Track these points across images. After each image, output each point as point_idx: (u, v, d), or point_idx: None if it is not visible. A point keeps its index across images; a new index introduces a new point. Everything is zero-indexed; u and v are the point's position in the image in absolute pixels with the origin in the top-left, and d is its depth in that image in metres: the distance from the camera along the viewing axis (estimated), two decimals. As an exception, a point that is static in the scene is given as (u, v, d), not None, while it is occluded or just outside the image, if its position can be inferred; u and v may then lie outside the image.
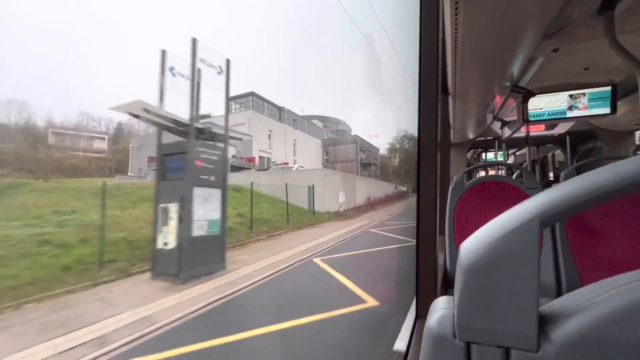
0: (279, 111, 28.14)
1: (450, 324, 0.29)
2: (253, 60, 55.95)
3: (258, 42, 59.21)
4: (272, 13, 57.56)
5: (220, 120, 6.89)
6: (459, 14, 1.20)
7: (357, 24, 36.59)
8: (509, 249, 0.27)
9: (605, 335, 0.23)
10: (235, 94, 24.57)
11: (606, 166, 0.26)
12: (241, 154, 21.30)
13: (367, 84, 43.16)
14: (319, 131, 33.89)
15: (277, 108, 27.93)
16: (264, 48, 60.98)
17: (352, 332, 3.31)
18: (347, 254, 7.12)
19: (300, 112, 30.86)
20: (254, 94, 25.39)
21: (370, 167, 31.49)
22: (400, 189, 28.02)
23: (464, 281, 0.28)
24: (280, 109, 28.07)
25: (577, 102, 2.48)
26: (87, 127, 26.20)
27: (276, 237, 9.41)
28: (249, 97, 25.33)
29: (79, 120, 26.25)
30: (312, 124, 32.59)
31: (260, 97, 25.95)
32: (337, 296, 4.36)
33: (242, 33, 55.65)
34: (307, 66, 57.81)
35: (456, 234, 1.64)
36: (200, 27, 46.30)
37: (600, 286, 0.26)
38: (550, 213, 0.26)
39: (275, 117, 27.19)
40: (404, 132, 36.16)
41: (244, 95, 25.31)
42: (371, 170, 31.18)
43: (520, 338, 0.26)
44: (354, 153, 29.78)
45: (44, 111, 24.83)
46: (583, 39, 1.60)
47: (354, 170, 27.41)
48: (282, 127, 26.85)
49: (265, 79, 59.48)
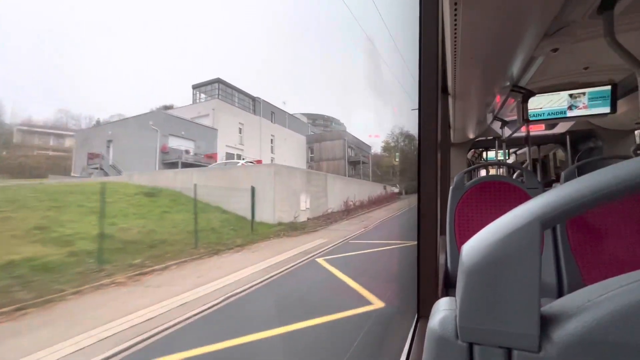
0: (253, 102, 24.10)
1: (452, 324, 0.29)
2: (253, 59, 55.66)
3: (257, 42, 58.88)
4: (272, 12, 57.28)
5: (185, 111, 6.26)
6: (459, 13, 1.20)
7: (356, 24, 36.48)
8: (510, 250, 0.27)
9: (606, 336, 0.23)
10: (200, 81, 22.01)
11: (605, 168, 0.26)
12: (203, 149, 18.40)
13: (366, 83, 42.69)
14: (303, 127, 30.18)
15: (250, 98, 23.89)
16: (263, 46, 60.51)
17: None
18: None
19: (283, 105, 27.53)
20: (221, 81, 21.49)
21: (359, 166, 28.76)
22: (390, 190, 25.31)
23: (466, 282, 0.28)
24: (255, 99, 24.07)
25: (577, 102, 2.48)
26: (66, 125, 24.41)
27: (132, 282, 4.86)
28: (215, 84, 21.45)
29: (57, 118, 24.59)
30: (295, 119, 28.76)
31: (229, 85, 22.11)
32: None
33: (242, 32, 55.40)
34: (305, 65, 57.46)
35: (457, 234, 1.64)
36: (199, 26, 46.22)
37: (602, 287, 0.26)
38: (550, 215, 0.26)
39: (249, 109, 23.45)
40: (399, 129, 34.16)
41: (208, 82, 21.75)
42: (360, 169, 28.54)
43: (522, 338, 0.26)
44: (341, 150, 26.95)
45: (22, 108, 23.22)
46: (583, 39, 1.60)
47: (341, 170, 25.41)
48: (257, 120, 23.28)
49: (263, 79, 59.05)
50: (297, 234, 9.33)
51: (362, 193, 17.38)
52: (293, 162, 23.32)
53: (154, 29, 42.02)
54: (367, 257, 6.50)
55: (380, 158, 35.07)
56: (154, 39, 41.38)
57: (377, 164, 33.43)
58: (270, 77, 59.63)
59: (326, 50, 56.05)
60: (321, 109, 56.38)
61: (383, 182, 27.30)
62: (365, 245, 7.46)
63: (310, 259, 6.11)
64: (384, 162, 34.76)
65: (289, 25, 61.11)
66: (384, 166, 34.09)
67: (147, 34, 40.37)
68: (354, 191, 16.66)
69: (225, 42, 55.15)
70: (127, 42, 35.12)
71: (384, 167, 33.90)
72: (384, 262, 6.34)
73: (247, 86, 40.05)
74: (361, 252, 6.75)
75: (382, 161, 34.84)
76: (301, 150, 27.71)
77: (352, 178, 21.73)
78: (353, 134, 29.05)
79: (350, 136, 28.43)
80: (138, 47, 38.43)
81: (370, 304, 3.81)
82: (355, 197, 16.18)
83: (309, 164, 27.51)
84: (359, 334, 3.03)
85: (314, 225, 10.77)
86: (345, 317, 3.47)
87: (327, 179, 14.67)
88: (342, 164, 26.36)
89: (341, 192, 15.54)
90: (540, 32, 1.40)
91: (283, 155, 24.55)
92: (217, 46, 54.22)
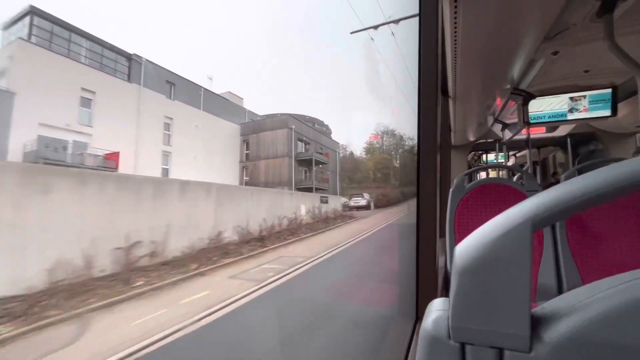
0: (129, 62, 14.92)
1: (445, 325, 0.30)
2: (251, 58, 54.81)
3: (256, 40, 57.92)
4: (271, 12, 56.51)
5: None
6: (459, 16, 1.21)
7: (356, 25, 35.94)
8: (501, 251, 0.27)
9: (596, 336, 0.23)
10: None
11: (597, 170, 0.26)
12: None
13: (365, 84, 41.50)
14: (237, 112, 20.83)
15: (124, 56, 14.79)
16: (261, 45, 59.17)
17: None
18: None
19: (208, 81, 18.88)
20: (39, 13, 12.06)
21: (311, 167, 20.01)
22: (356, 201, 18.95)
23: (458, 283, 0.29)
24: (131, 58, 14.92)
25: (577, 105, 2.48)
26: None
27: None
28: (26, 17, 11.86)
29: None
30: (221, 99, 19.68)
31: (62, 24, 12.77)
32: None
33: (240, 31, 54.56)
34: (302, 63, 56.33)
35: (457, 236, 1.64)
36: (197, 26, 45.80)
37: (593, 288, 0.26)
38: (542, 216, 0.26)
39: (114, 71, 14.39)
40: (384, 127, 30.37)
41: (18, 17, 12.01)
42: (313, 172, 20.01)
43: (513, 339, 0.26)
44: (285, 144, 18.76)
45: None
46: (583, 42, 1.61)
47: (284, 171, 18.23)
48: (130, 89, 14.60)
49: (261, 78, 57.66)
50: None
51: (258, 212, 10.21)
52: (216, 159, 17.24)
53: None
54: None
55: (353, 161, 29.58)
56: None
57: (348, 167, 27.09)
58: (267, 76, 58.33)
59: (324, 49, 54.89)
60: (308, 111, 50.52)
61: (352, 189, 22.55)
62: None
63: None
64: (358, 164, 29.57)
65: (284, 21, 60.03)
66: (364, 170, 28.90)
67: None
68: (241, 209, 9.58)
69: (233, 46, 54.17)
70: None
71: (360, 171, 28.67)
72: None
73: (255, 87, 36.50)
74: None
75: (357, 163, 29.30)
76: (231, 143, 19.61)
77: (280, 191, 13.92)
78: (342, 137, 21.83)
79: (298, 123, 19.84)
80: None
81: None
82: (245, 221, 9.38)
83: (244, 163, 19.92)
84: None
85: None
86: None
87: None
88: (287, 163, 18.56)
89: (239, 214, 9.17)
90: (540, 35, 1.40)
91: (193, 148, 16.70)
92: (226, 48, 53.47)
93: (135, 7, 31.47)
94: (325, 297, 4.93)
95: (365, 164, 30.20)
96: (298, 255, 7.82)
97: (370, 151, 31.84)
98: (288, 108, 42.81)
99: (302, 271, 6.18)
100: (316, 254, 7.69)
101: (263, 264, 6.95)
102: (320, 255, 7.61)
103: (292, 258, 7.52)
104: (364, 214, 16.99)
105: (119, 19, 31.51)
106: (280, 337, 3.49)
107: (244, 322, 3.91)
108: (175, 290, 5.13)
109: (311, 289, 5.38)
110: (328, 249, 8.20)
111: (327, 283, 5.78)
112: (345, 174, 25.66)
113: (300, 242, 9.84)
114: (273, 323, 3.91)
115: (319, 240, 10.15)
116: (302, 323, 3.78)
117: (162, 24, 39.85)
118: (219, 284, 5.48)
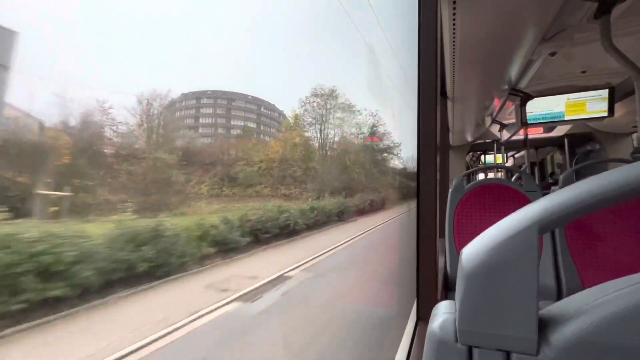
0: None
1: (452, 328, 0.29)
2: (251, 58, 54.34)
3: (255, 40, 57.43)
4: (269, 12, 56.35)
5: None
6: (457, 18, 1.21)
7: (355, 26, 35.88)
8: (509, 254, 0.27)
9: (604, 339, 0.23)
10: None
11: (604, 173, 0.26)
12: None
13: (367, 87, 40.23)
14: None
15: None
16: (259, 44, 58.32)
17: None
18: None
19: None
20: None
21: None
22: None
23: (465, 286, 0.29)
24: None
25: (575, 105, 2.49)
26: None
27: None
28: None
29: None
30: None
31: None
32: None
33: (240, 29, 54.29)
34: (301, 64, 54.86)
35: (456, 236, 1.64)
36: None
37: (600, 290, 0.26)
38: (548, 219, 0.26)
39: None
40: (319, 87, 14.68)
41: None
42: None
43: (521, 341, 0.26)
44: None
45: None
46: (580, 43, 1.62)
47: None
48: None
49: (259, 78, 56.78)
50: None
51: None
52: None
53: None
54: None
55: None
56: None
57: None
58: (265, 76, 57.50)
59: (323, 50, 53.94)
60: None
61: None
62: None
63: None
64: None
65: (278, 20, 60.14)
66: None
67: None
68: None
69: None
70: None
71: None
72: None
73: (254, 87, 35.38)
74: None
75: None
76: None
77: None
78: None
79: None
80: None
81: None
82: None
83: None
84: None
85: None
86: None
87: None
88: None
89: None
90: (538, 36, 1.41)
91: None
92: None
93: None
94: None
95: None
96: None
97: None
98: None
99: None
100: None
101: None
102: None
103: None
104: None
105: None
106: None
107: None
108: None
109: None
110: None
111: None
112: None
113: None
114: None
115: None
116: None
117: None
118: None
